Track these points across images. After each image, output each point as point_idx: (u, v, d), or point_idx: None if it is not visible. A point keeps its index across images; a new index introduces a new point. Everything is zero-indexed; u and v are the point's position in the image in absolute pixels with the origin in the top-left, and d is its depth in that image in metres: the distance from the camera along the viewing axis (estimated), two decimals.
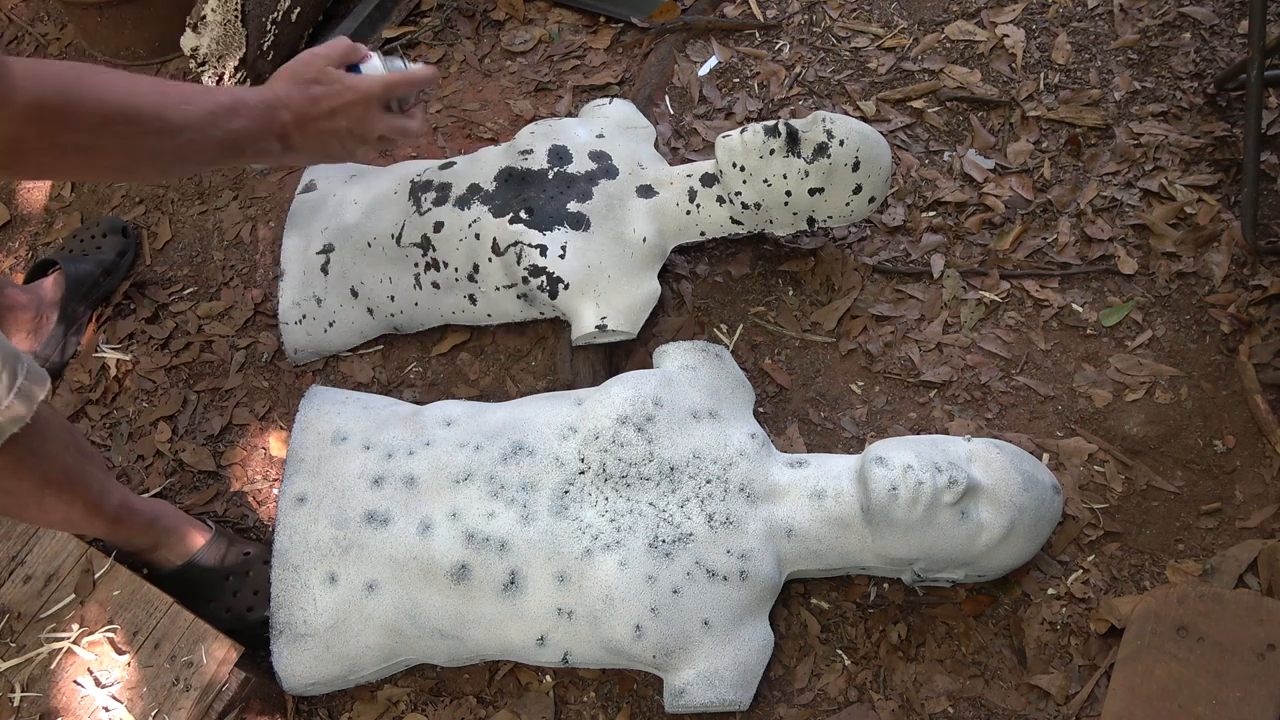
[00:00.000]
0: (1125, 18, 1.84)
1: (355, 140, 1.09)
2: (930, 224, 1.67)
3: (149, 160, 0.91)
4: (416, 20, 2.03)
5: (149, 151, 0.89)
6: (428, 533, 1.29)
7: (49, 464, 1.16)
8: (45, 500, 1.18)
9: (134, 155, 0.89)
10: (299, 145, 1.04)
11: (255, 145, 0.99)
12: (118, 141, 0.86)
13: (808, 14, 1.93)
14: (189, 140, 0.92)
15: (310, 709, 1.37)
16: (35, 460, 1.14)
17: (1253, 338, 1.50)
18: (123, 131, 0.86)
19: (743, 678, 1.25)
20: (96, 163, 0.87)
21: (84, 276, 1.70)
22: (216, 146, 0.95)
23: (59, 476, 1.18)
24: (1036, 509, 1.24)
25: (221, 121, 0.94)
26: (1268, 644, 1.21)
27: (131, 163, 0.90)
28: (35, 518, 1.26)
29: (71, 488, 1.20)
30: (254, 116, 0.98)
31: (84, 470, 1.22)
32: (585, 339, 1.51)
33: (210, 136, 0.94)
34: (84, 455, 1.23)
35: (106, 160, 0.87)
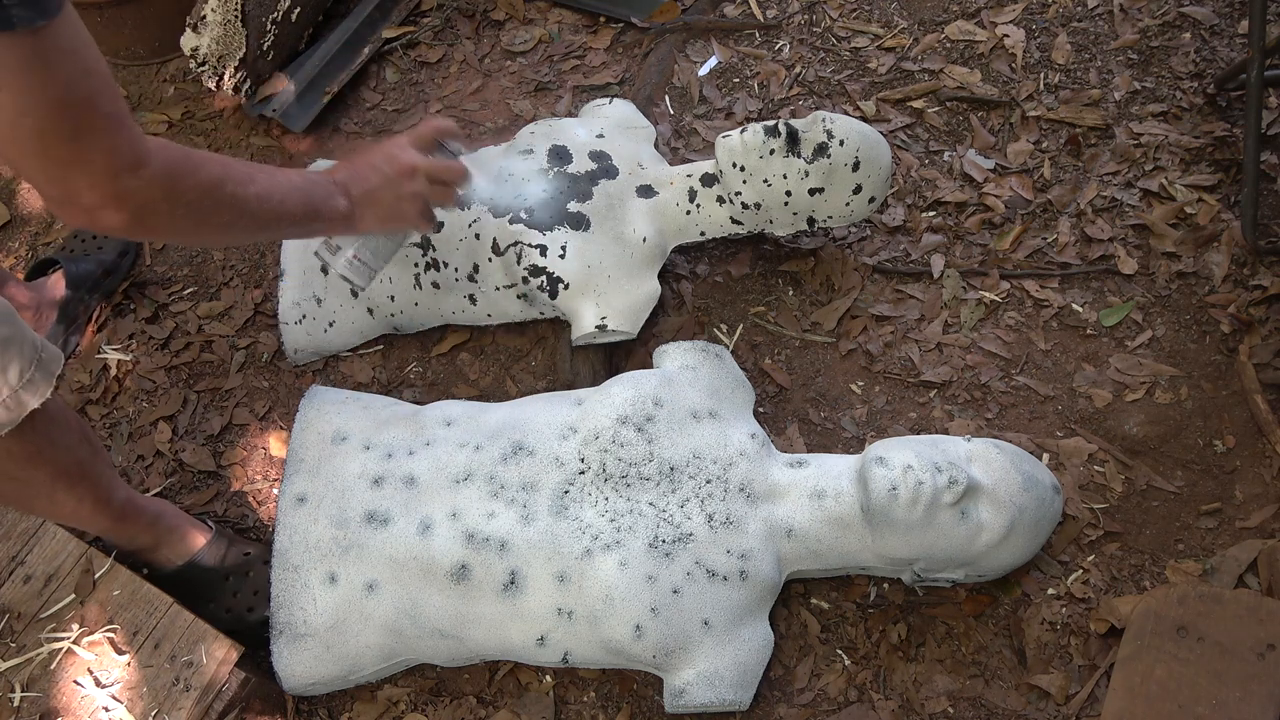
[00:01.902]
0: (1125, 18, 1.84)
1: (399, 200, 1.19)
2: (930, 224, 1.67)
3: (249, 220, 1.01)
4: (416, 20, 2.03)
5: (248, 211, 1.00)
6: (428, 533, 1.29)
7: (65, 455, 1.17)
8: (57, 492, 1.19)
9: (238, 213, 0.99)
10: (356, 202, 1.14)
11: (327, 203, 1.11)
12: (226, 202, 0.97)
13: (808, 14, 1.93)
14: (279, 201, 1.04)
15: (310, 709, 1.37)
16: (53, 450, 1.15)
17: (1253, 338, 1.50)
18: (229, 194, 0.97)
19: (743, 678, 1.25)
20: (209, 221, 0.96)
21: (84, 276, 1.70)
22: (300, 203, 1.07)
23: (73, 469, 1.19)
24: (1036, 509, 1.24)
25: (296, 180, 1.09)
26: (1268, 644, 1.21)
27: (236, 219, 1.00)
28: (45, 510, 1.27)
29: (83, 481, 1.21)
30: (319, 178, 1.12)
31: (95, 465, 1.23)
32: (585, 339, 1.51)
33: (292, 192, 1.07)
34: (94, 450, 1.24)
35: (218, 219, 0.97)
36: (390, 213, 1.19)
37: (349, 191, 1.14)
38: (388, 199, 1.18)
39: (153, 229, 0.92)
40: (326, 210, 1.12)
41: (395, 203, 1.19)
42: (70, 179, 0.84)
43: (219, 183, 0.96)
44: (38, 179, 0.84)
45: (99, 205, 0.86)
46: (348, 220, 1.15)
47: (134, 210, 0.88)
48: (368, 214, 1.17)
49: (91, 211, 0.86)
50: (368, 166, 1.18)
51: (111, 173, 0.84)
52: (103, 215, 0.87)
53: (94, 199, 0.85)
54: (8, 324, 1.05)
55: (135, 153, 0.86)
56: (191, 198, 0.93)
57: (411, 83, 1.96)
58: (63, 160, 0.82)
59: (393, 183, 1.18)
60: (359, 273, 1.28)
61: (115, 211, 0.87)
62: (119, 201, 0.86)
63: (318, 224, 1.12)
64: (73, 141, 0.81)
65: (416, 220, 1.22)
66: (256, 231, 1.06)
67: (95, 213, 0.86)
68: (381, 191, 1.17)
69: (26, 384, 1.07)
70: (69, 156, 0.82)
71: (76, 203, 0.85)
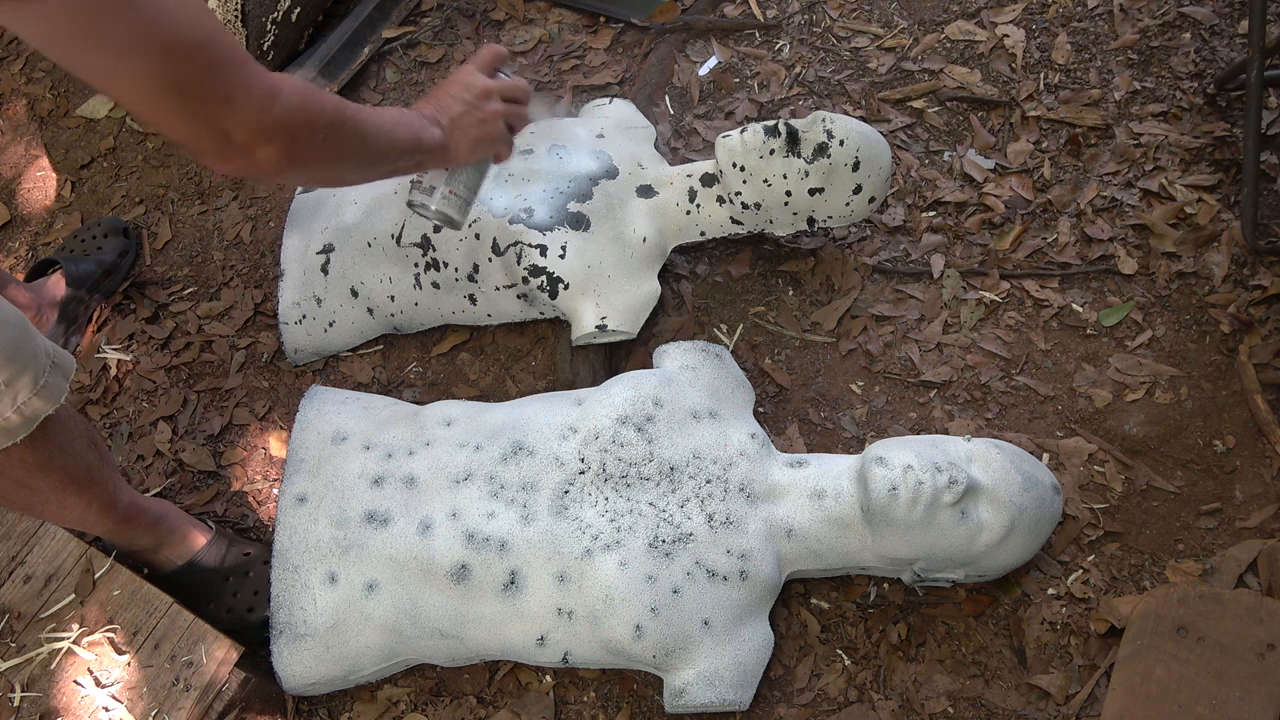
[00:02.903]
0: (1125, 18, 1.84)
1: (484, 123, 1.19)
2: (930, 224, 1.67)
3: (370, 149, 1.01)
4: (416, 20, 2.03)
5: (369, 139, 1.00)
6: (428, 533, 1.29)
7: (74, 461, 1.17)
8: (66, 498, 1.19)
9: (362, 140, 0.99)
10: (447, 130, 1.15)
11: (426, 133, 1.11)
12: (351, 127, 0.97)
13: (808, 14, 1.93)
14: (389, 130, 1.04)
15: (310, 709, 1.37)
16: (63, 457, 1.15)
17: (1253, 338, 1.50)
18: (351, 117, 0.97)
19: (743, 678, 1.25)
20: (342, 148, 0.96)
21: (85, 276, 1.70)
22: (406, 135, 1.08)
23: (81, 475, 1.19)
24: (1036, 509, 1.24)
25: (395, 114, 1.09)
26: (1268, 644, 1.21)
27: (361, 147, 0.99)
28: (53, 515, 1.27)
29: (91, 486, 1.21)
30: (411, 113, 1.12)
31: (102, 470, 1.23)
32: (585, 339, 1.51)
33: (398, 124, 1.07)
34: (101, 455, 1.24)
35: (349, 145, 0.97)
36: (479, 136, 1.19)
37: (440, 121, 1.15)
38: (474, 122, 1.18)
39: (302, 159, 0.91)
40: (426, 140, 1.12)
41: (481, 126, 1.19)
42: (219, 119, 0.82)
43: (341, 108, 0.95)
44: (185, 131, 0.83)
45: (253, 141, 0.85)
46: (444, 149, 1.15)
47: (286, 140, 0.87)
48: (460, 140, 1.17)
49: (248, 150, 0.85)
50: (448, 96, 1.18)
51: (256, 104, 0.83)
52: (259, 152, 0.86)
53: (246, 135, 0.84)
54: (19, 331, 1.05)
55: (268, 82, 0.85)
56: (326, 121, 0.92)
57: (411, 83, 1.96)
58: (205, 100, 0.81)
59: (475, 106, 1.18)
60: (456, 206, 1.27)
61: (269, 144, 0.86)
62: (271, 133, 0.85)
63: (420, 155, 1.12)
64: (209, 82, 0.80)
65: (499, 141, 1.22)
66: (374, 164, 1.06)
67: (252, 151, 0.85)
68: (467, 116, 1.17)
69: (40, 390, 1.06)
70: (211, 95, 0.81)
71: (231, 143, 0.84)
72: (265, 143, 0.86)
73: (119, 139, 1.98)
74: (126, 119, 2.00)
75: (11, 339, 1.03)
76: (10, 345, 1.03)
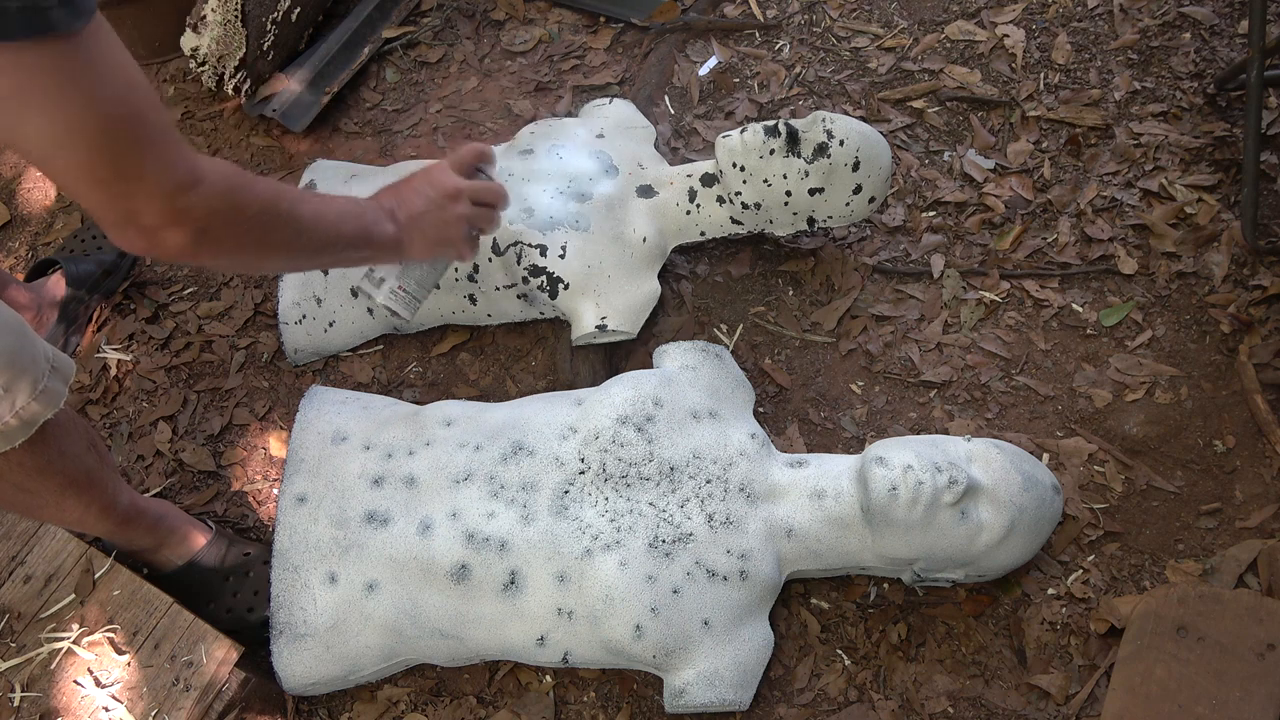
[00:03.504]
0: (1125, 18, 1.84)
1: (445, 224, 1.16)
2: (930, 224, 1.67)
3: (305, 241, 0.98)
4: (416, 20, 2.03)
5: (304, 232, 0.98)
6: (428, 533, 1.29)
7: (73, 464, 1.17)
8: (66, 501, 1.19)
9: (295, 233, 0.96)
10: (403, 227, 1.12)
11: (377, 227, 1.08)
12: (283, 220, 0.94)
13: (808, 14, 1.93)
14: (332, 223, 1.02)
15: (310, 709, 1.37)
16: (62, 461, 1.15)
17: (1253, 338, 1.50)
18: (285, 211, 0.94)
19: (743, 678, 1.25)
20: (268, 240, 0.94)
21: (85, 276, 1.70)
22: (353, 227, 1.05)
23: (81, 478, 1.19)
24: (1036, 509, 1.24)
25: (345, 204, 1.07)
26: (1267, 644, 1.21)
27: (294, 240, 0.97)
28: (52, 517, 1.27)
29: (91, 489, 1.21)
30: (366, 203, 1.11)
31: (102, 472, 1.23)
32: (585, 339, 1.51)
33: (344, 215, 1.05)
34: (101, 457, 1.23)
35: (277, 237, 0.95)
36: (437, 236, 1.16)
37: (396, 216, 1.11)
38: (434, 223, 1.15)
39: (215, 249, 0.88)
40: (377, 234, 1.09)
41: (442, 226, 1.15)
42: (128, 198, 0.80)
43: (274, 199, 0.93)
44: (93, 202, 0.80)
45: (160, 225, 0.82)
46: (397, 245, 1.12)
47: (196, 229, 0.84)
48: (415, 238, 1.14)
49: (153, 233, 0.82)
50: (412, 191, 1.15)
51: (170, 189, 0.81)
52: (165, 236, 0.83)
53: (154, 219, 0.81)
54: (18, 336, 1.04)
55: (191, 168, 0.82)
56: (250, 213, 0.89)
57: (411, 83, 1.96)
58: (118, 178, 0.79)
59: (439, 206, 1.14)
60: (404, 303, 1.25)
61: (177, 230, 0.83)
62: (180, 219, 0.83)
63: (368, 249, 1.09)
64: (126, 159, 0.78)
65: (461, 244, 1.18)
66: (312, 255, 1.02)
67: (157, 233, 0.82)
68: (428, 215, 1.14)
69: (39, 395, 1.06)
70: (124, 174, 0.78)
71: (137, 224, 0.82)
72: (175, 228, 0.83)
73: None
74: None
75: (10, 343, 1.03)
76: (9, 350, 1.02)
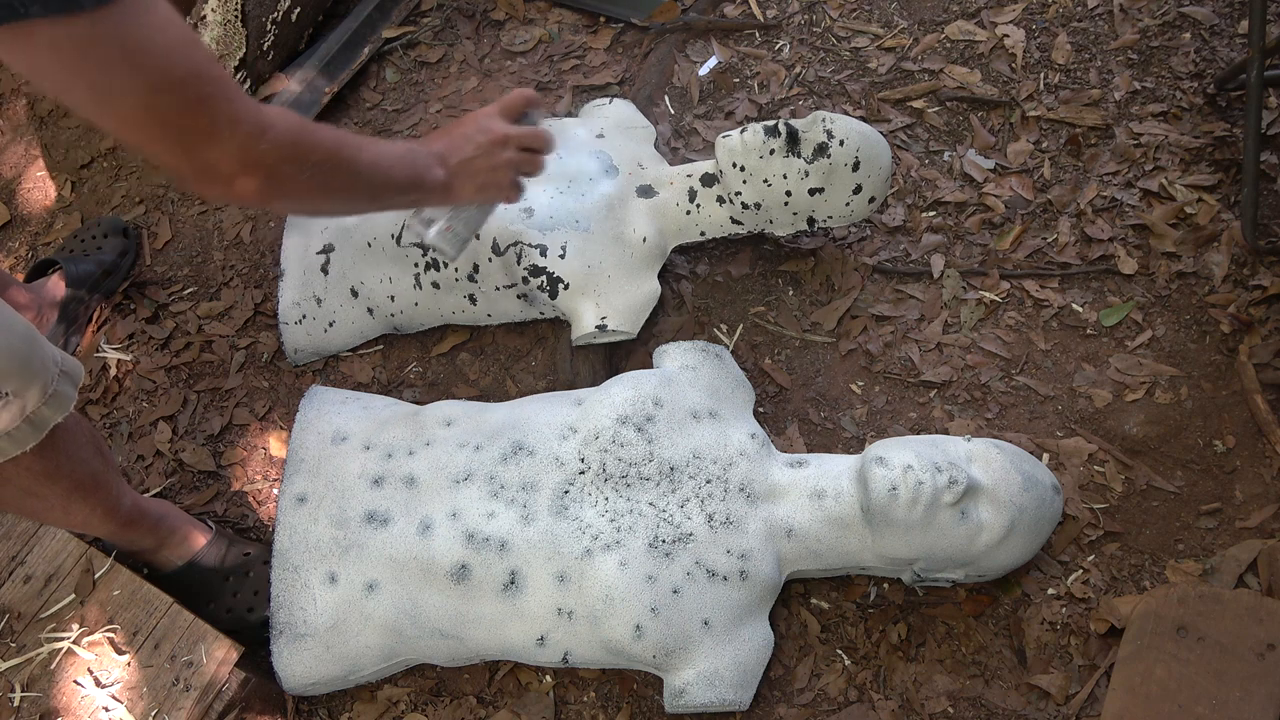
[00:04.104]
0: (1125, 18, 1.84)
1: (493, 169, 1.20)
2: (930, 224, 1.67)
3: (364, 186, 1.02)
4: (416, 20, 2.03)
5: (363, 177, 1.01)
6: (428, 533, 1.29)
7: (80, 468, 1.17)
8: (72, 504, 1.19)
9: (354, 177, 1.00)
10: (453, 171, 1.15)
11: (428, 172, 1.12)
12: (345, 166, 0.98)
13: (808, 14, 1.93)
14: (387, 168, 1.05)
15: (310, 709, 1.37)
16: (70, 465, 1.15)
17: (1253, 338, 1.50)
18: (347, 157, 0.98)
19: (743, 678, 1.25)
20: (330, 184, 0.98)
21: (85, 276, 1.70)
22: (404, 173, 1.09)
23: (87, 481, 1.19)
24: (1036, 509, 1.24)
25: (398, 149, 1.10)
26: (1267, 644, 1.21)
27: (353, 184, 1.01)
28: (58, 520, 1.27)
29: (96, 492, 1.21)
30: (418, 148, 1.14)
31: (107, 475, 1.23)
32: (585, 339, 1.51)
33: (397, 161, 1.08)
34: (106, 460, 1.24)
35: (338, 182, 0.99)
36: (485, 181, 1.19)
37: (446, 161, 1.15)
38: (482, 168, 1.18)
39: (283, 192, 0.93)
40: (428, 180, 1.12)
41: (490, 171, 1.19)
42: (202, 150, 0.84)
43: (337, 146, 0.97)
44: (170, 158, 0.84)
45: (235, 172, 0.86)
46: (446, 190, 1.16)
47: (268, 174, 0.89)
48: (464, 183, 1.17)
49: (229, 180, 0.87)
50: (461, 137, 1.18)
51: (241, 139, 0.85)
52: (240, 183, 0.87)
53: (229, 166, 0.86)
54: (28, 341, 1.04)
55: (259, 117, 0.87)
56: (316, 159, 0.94)
57: (411, 83, 1.96)
58: (192, 134, 0.82)
59: (487, 151, 1.18)
60: (452, 242, 1.28)
61: (251, 177, 0.88)
62: (253, 166, 0.87)
63: (419, 193, 1.13)
64: (197, 115, 0.82)
65: (508, 188, 1.22)
66: (369, 199, 1.06)
67: (233, 181, 0.87)
68: (477, 160, 1.18)
69: (49, 399, 1.06)
70: (195, 127, 0.82)
71: (214, 173, 0.86)
72: (247, 175, 0.87)
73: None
74: None
75: (20, 348, 1.03)
76: (19, 355, 1.02)
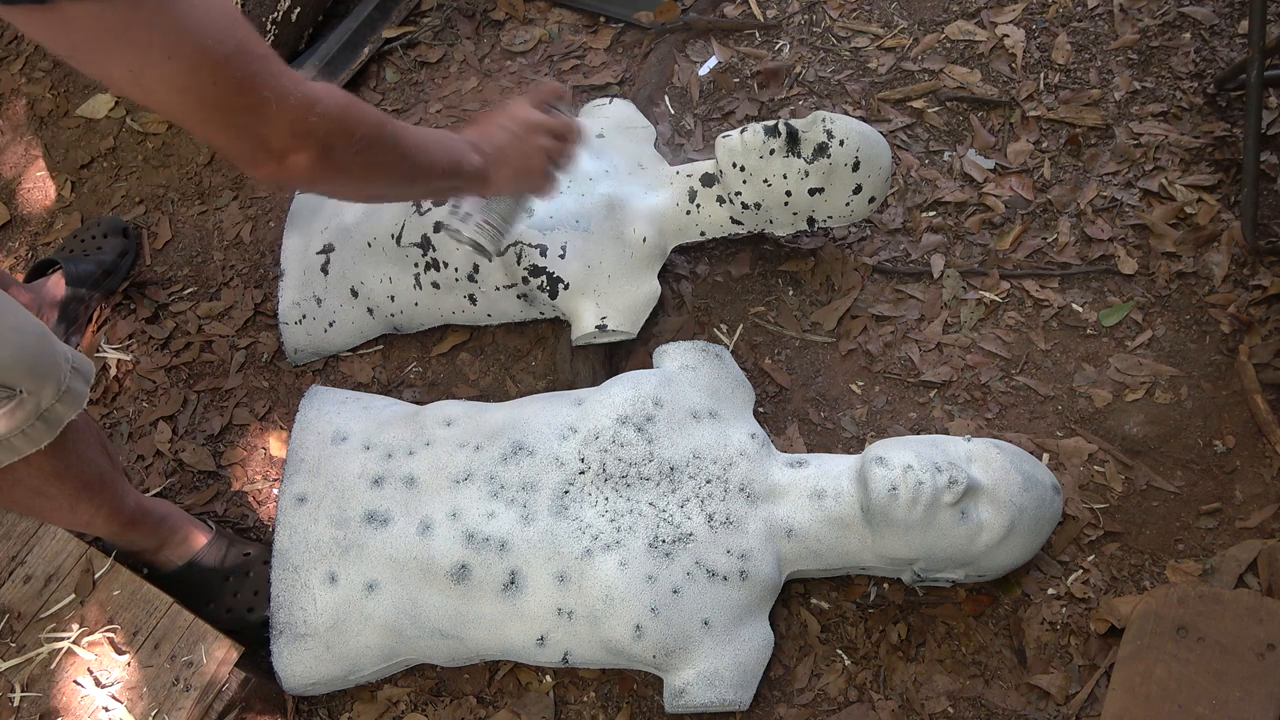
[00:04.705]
0: (1125, 18, 1.84)
1: (528, 157, 1.20)
2: (930, 224, 1.67)
3: (406, 168, 1.02)
4: (416, 20, 2.03)
5: (407, 158, 1.01)
6: (428, 533, 1.29)
7: (88, 468, 1.17)
8: (79, 504, 1.19)
9: (399, 158, 1.00)
10: (489, 159, 1.15)
11: (466, 159, 1.11)
12: (390, 144, 0.98)
13: (808, 14, 1.93)
14: (429, 151, 1.05)
15: (310, 709, 1.37)
16: (79, 465, 1.15)
17: (1253, 338, 1.50)
18: (391, 134, 0.98)
19: (743, 678, 1.25)
20: (377, 162, 0.97)
21: (84, 276, 1.70)
22: (445, 158, 1.08)
23: (94, 481, 1.19)
24: (1036, 509, 1.24)
25: (438, 135, 1.10)
26: (1267, 644, 1.21)
27: (397, 165, 1.00)
28: (64, 520, 1.27)
29: (103, 491, 1.21)
30: (455, 136, 1.13)
31: (113, 475, 1.23)
32: (585, 339, 1.51)
33: (438, 146, 1.08)
34: (111, 460, 1.24)
35: (384, 160, 0.98)
36: (520, 169, 1.19)
37: (481, 148, 1.15)
38: (517, 156, 1.18)
39: (336, 169, 0.92)
40: (466, 165, 1.12)
41: (524, 159, 1.19)
42: (253, 127, 0.83)
43: (382, 122, 0.96)
44: (222, 137, 0.84)
45: (288, 148, 0.86)
46: (483, 178, 1.15)
47: (320, 149, 0.88)
48: (500, 171, 1.17)
49: (282, 156, 0.87)
50: (494, 125, 1.18)
51: (292, 113, 0.85)
52: (293, 159, 0.87)
53: (282, 142, 0.85)
54: (40, 339, 1.04)
55: (306, 92, 0.86)
56: (363, 133, 0.93)
57: (411, 83, 1.96)
58: (239, 111, 0.82)
59: (521, 140, 1.18)
60: (489, 237, 1.27)
61: (304, 152, 0.87)
62: (305, 141, 0.87)
63: (457, 180, 1.13)
64: (246, 92, 0.81)
65: (542, 177, 1.22)
66: (409, 182, 1.06)
67: (286, 157, 0.87)
68: (511, 149, 1.18)
69: (63, 396, 1.06)
70: (244, 106, 0.82)
71: (266, 150, 0.85)
72: (299, 150, 0.87)
73: (119, 139, 1.98)
74: (126, 118, 2.00)
75: (33, 347, 1.02)
76: (32, 353, 1.02)
